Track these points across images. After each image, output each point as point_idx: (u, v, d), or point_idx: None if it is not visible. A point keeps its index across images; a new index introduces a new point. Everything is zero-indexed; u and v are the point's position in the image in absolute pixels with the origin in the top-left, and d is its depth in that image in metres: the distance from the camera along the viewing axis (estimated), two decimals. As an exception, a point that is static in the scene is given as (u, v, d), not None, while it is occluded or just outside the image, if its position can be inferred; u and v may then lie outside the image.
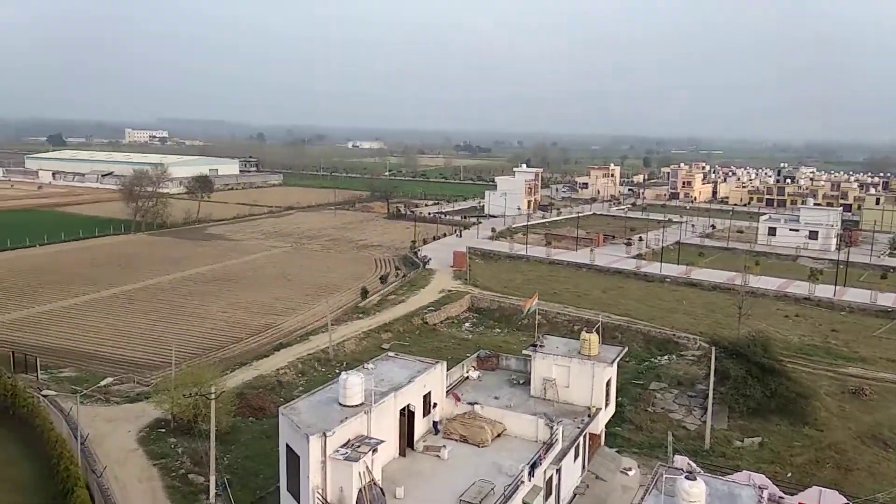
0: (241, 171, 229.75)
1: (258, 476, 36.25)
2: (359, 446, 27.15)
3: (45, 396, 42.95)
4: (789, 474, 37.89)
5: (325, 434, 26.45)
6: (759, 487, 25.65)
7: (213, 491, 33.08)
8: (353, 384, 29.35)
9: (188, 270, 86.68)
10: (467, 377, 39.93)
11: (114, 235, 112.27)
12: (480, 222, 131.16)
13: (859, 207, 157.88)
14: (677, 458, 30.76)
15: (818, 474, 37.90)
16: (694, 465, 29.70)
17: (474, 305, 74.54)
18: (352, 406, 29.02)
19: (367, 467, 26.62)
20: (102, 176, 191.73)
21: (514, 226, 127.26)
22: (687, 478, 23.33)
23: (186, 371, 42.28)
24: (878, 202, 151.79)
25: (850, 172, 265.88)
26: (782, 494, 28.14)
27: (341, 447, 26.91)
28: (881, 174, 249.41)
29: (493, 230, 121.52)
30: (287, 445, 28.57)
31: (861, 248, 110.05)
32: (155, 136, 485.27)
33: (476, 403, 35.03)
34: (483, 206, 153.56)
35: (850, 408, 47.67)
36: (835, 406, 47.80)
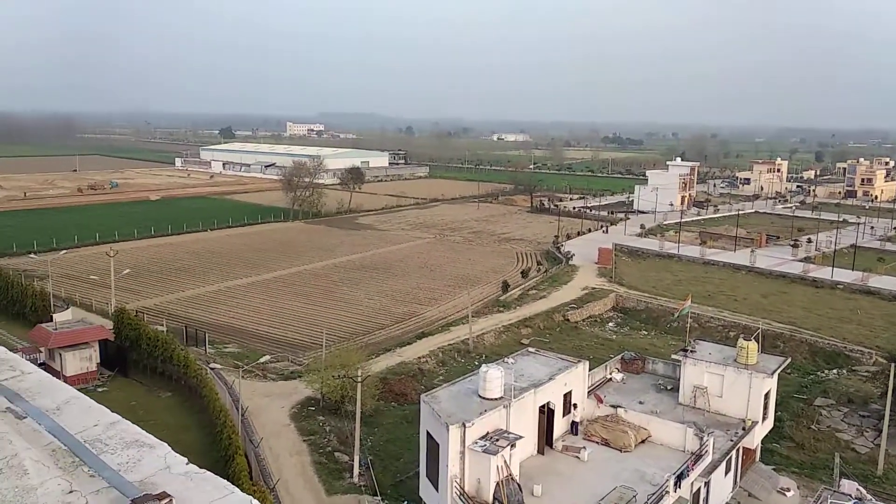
0: (390, 163, 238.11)
1: (399, 459, 37.25)
2: (497, 440, 26.98)
3: (212, 369, 46.87)
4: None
5: (464, 424, 26.54)
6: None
7: (356, 469, 34.43)
8: (494, 377, 29.22)
9: (339, 258, 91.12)
10: (610, 379, 38.55)
11: (274, 222, 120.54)
12: (629, 218, 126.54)
13: None
14: (844, 482, 27.76)
15: None
16: (864, 491, 26.67)
17: (619, 305, 72.02)
18: (491, 399, 28.91)
19: (506, 461, 26.39)
20: (265, 167, 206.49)
21: (665, 223, 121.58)
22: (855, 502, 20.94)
23: (335, 353, 44.35)
24: None
25: None
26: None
27: (480, 439, 26.88)
28: None
29: (643, 227, 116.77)
30: (427, 432, 29.01)
31: None
32: (312, 130, 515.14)
33: (619, 406, 33.71)
34: (632, 201, 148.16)
35: None
36: None
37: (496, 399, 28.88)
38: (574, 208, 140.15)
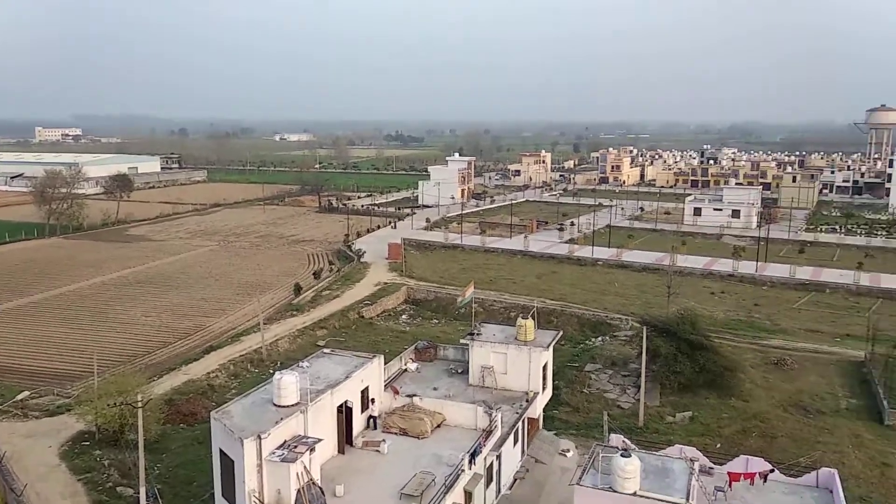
0: (162, 168, 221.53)
1: (191, 484, 34.99)
2: (295, 447, 26.43)
3: (-46, 415, 40.27)
4: (718, 445, 39.25)
5: (259, 436, 25.62)
6: (691, 460, 26.33)
7: (143, 502, 31.70)
8: (288, 383, 28.55)
9: (108, 274, 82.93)
10: (405, 370, 39.60)
11: (26, 241, 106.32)
12: (415, 213, 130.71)
13: (777, 186, 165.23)
14: (612, 436, 31.29)
15: (745, 443, 39.42)
16: (629, 442, 30.29)
17: (411, 297, 74.19)
18: (287, 406, 28.23)
19: (305, 467, 25.96)
20: (11, 178, 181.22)
21: (448, 215, 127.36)
22: (622, 455, 23.73)
23: (110, 380, 40.40)
24: (794, 180, 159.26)
25: (769, 152, 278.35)
26: (712, 465, 29.00)
27: (277, 448, 26.14)
28: (797, 153, 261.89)
29: (428, 220, 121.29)
30: (220, 450, 27.57)
31: (780, 225, 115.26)
32: (68, 135, 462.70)
33: (415, 395, 34.75)
34: (417, 196, 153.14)
35: (773, 378, 49.79)
36: (759, 377, 49.84)
37: (292, 406, 28.27)
38: (362, 206, 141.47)
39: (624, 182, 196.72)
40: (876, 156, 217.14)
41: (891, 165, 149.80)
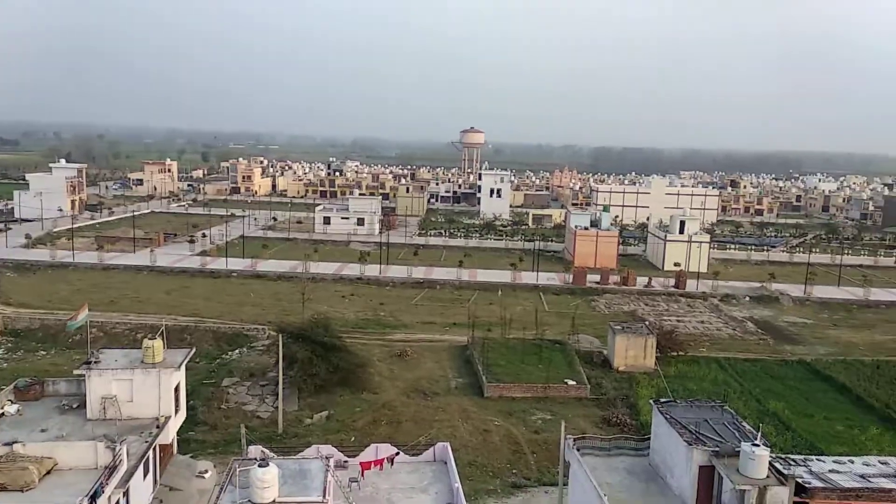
0: None
1: None
2: None
3: None
4: (353, 438, 42.01)
5: None
6: (326, 457, 27.69)
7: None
8: None
9: None
10: (2, 414, 33.50)
11: None
12: (10, 228, 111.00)
13: (394, 196, 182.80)
14: (251, 448, 31.12)
15: (376, 432, 42.91)
16: (267, 451, 30.46)
17: (8, 327, 62.89)
18: None
19: None
20: None
21: (55, 230, 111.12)
22: (259, 466, 23.78)
23: None
24: (408, 191, 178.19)
25: (386, 165, 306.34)
26: (347, 458, 30.95)
27: None
28: (409, 166, 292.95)
29: (29, 237, 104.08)
30: None
31: (398, 231, 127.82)
32: None
33: (16, 442, 29.65)
34: (11, 208, 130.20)
35: (397, 369, 55.14)
36: (386, 369, 54.70)
37: None
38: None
39: (256, 192, 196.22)
40: (469, 170, 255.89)
41: (480, 179, 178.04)
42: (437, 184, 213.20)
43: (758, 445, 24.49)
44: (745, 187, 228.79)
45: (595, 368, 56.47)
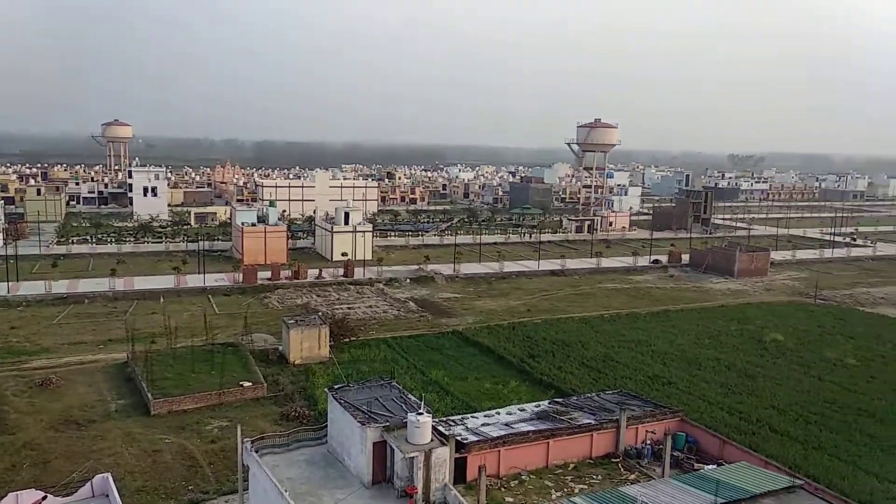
0: None
1: None
2: None
3: None
4: (-15, 493, 35.00)
5: None
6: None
7: None
8: None
9: None
10: None
11: None
12: None
13: (22, 199, 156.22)
14: None
15: (16, 479, 36.37)
16: None
17: None
18: None
19: None
20: None
21: None
22: None
23: None
24: (39, 193, 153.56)
25: (9, 164, 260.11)
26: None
27: None
28: (39, 165, 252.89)
29: None
30: None
31: (30, 240, 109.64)
32: None
33: None
34: None
35: (40, 400, 47.42)
36: (24, 404, 46.67)
37: None
38: None
39: None
40: (116, 167, 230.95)
41: (130, 177, 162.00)
42: (77, 184, 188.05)
43: (422, 414, 26.80)
44: (400, 178, 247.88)
45: (272, 366, 55.86)
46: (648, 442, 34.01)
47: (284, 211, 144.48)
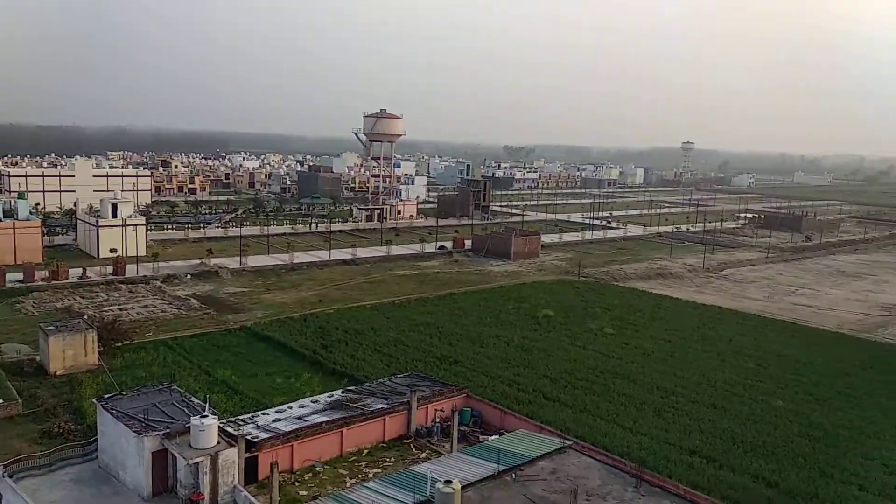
0: None
1: None
2: None
3: None
4: None
5: None
6: None
7: None
8: None
9: None
10: None
11: None
12: None
13: None
14: None
15: None
16: None
17: None
18: None
19: None
20: None
21: None
22: None
23: None
24: None
25: None
26: None
27: None
28: None
29: None
30: None
31: None
32: None
33: None
34: None
35: None
36: None
37: None
38: None
39: None
40: None
41: None
42: None
43: (206, 416, 25.44)
44: (176, 167, 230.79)
45: (28, 379, 49.31)
46: (437, 420, 35.62)
47: (38, 203, 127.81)
